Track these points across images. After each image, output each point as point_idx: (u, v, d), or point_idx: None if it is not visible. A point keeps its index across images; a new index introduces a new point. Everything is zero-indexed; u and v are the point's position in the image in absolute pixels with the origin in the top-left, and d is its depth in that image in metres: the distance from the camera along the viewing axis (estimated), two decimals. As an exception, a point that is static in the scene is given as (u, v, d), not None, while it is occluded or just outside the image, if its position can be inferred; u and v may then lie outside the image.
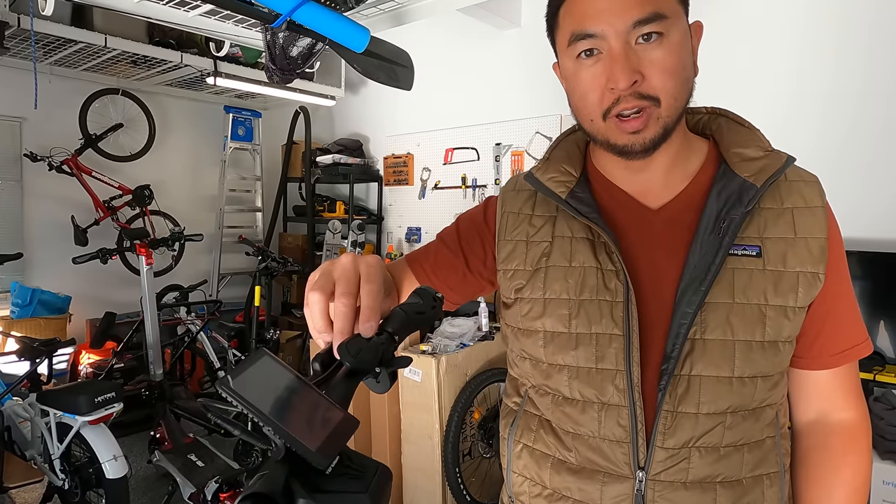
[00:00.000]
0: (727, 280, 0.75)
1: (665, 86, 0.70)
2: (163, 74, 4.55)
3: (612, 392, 0.77)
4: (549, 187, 0.84)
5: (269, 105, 5.67)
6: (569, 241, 0.83)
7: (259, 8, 1.77)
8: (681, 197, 0.80)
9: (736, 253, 0.75)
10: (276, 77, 2.00)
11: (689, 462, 0.76)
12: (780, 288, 0.74)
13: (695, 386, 0.75)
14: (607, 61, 0.71)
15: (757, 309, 0.74)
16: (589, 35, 0.71)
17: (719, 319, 0.74)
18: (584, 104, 0.75)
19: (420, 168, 4.75)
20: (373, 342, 0.58)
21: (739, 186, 0.76)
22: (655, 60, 0.70)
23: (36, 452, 2.67)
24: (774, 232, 0.76)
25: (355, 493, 0.42)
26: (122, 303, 4.61)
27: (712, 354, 0.74)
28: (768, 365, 0.76)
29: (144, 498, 3.00)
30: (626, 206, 0.83)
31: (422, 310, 0.68)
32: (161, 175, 5.18)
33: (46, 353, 2.58)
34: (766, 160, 0.77)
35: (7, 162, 4.43)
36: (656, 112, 0.71)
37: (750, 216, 0.76)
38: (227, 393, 0.41)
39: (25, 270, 4.47)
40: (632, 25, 0.69)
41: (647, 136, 0.72)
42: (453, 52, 4.40)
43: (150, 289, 3.07)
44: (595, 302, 0.79)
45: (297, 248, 5.29)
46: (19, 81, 4.34)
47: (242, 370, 0.44)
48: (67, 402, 2.44)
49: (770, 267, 0.75)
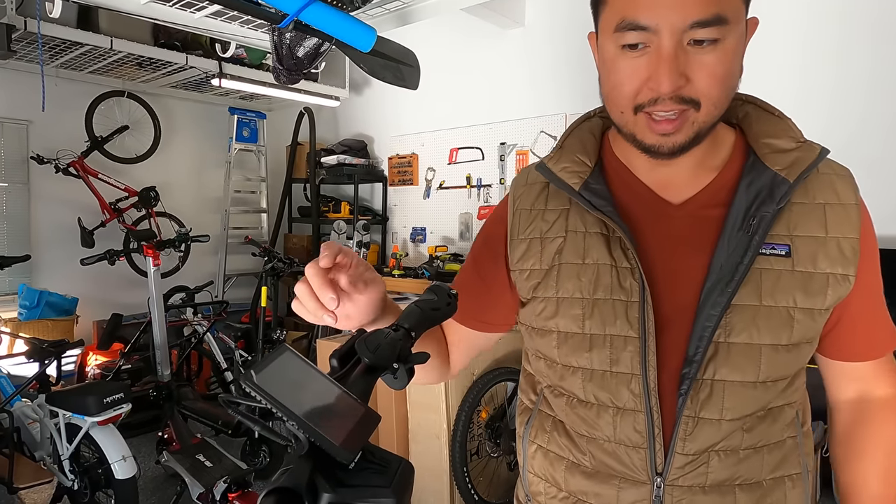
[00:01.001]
0: (755, 281, 0.71)
1: (709, 92, 0.66)
2: (168, 76, 4.56)
3: (627, 397, 0.74)
4: (562, 178, 0.80)
5: (273, 106, 5.69)
6: (582, 237, 0.79)
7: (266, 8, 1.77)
8: (706, 191, 0.76)
9: (765, 252, 0.71)
10: (283, 77, 2.00)
11: (709, 466, 0.74)
12: (809, 290, 0.71)
13: (718, 391, 0.72)
14: (654, 58, 0.65)
15: (785, 312, 0.71)
16: (640, 27, 0.65)
17: (745, 322, 0.71)
18: (616, 94, 0.70)
19: (424, 168, 4.75)
20: (391, 338, 0.59)
21: (770, 181, 0.71)
22: (705, 65, 0.65)
23: (45, 453, 2.68)
24: (805, 230, 0.71)
25: (379, 487, 0.42)
26: (128, 305, 4.63)
27: (737, 358, 0.71)
28: (790, 367, 0.73)
29: (153, 498, 3.01)
30: (644, 199, 0.78)
31: (437, 306, 0.68)
32: (166, 177, 5.19)
33: (55, 354, 2.59)
34: (799, 152, 0.72)
35: (14, 164, 4.45)
36: (693, 116, 0.67)
37: (781, 212, 0.72)
38: (251, 387, 0.42)
39: (33, 272, 4.49)
40: (689, 25, 0.63)
41: (677, 140, 0.68)
42: (457, 52, 4.41)
43: (158, 290, 3.08)
44: (609, 301, 0.75)
45: (302, 248, 5.30)
46: (26, 84, 4.36)
47: (265, 365, 0.44)
48: (76, 402, 2.45)
49: (799, 268, 0.71)
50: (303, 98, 4.73)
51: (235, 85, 4.33)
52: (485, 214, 4.34)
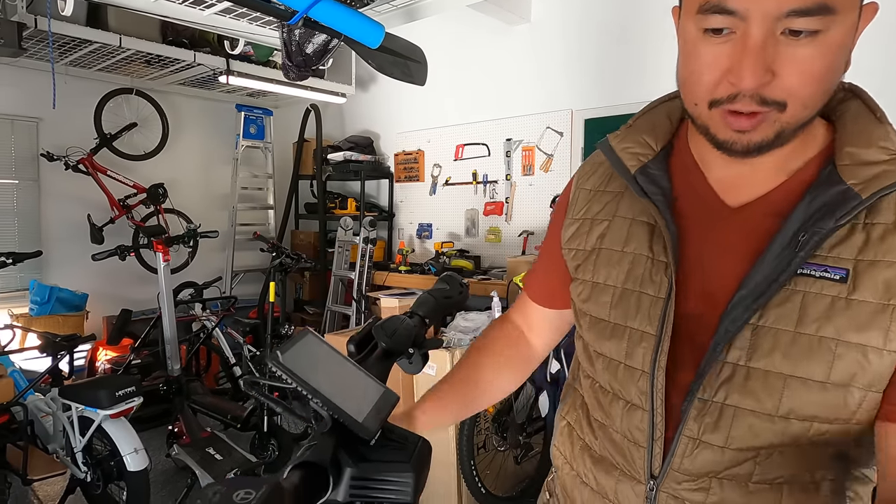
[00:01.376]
0: (794, 304, 0.62)
1: (799, 92, 0.57)
2: (176, 73, 4.59)
3: (634, 393, 0.72)
4: (621, 158, 0.75)
5: (280, 103, 5.71)
6: (627, 224, 0.75)
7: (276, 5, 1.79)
8: (768, 197, 0.67)
9: (813, 274, 0.62)
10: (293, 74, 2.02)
11: (709, 493, 0.69)
12: (863, 322, 0.59)
13: (727, 418, 0.65)
14: (738, 47, 0.57)
15: (827, 344, 0.60)
16: (727, 10, 0.56)
17: (772, 348, 0.63)
18: (692, 82, 0.62)
19: (431, 164, 4.77)
20: (406, 325, 0.61)
21: (838, 195, 0.61)
22: (799, 60, 0.56)
23: (58, 446, 2.72)
24: (876, 254, 0.60)
25: (399, 462, 0.44)
26: (137, 300, 4.67)
27: (754, 386, 0.64)
28: (830, 410, 0.62)
29: (164, 491, 3.05)
30: (702, 196, 0.72)
31: (450, 294, 0.71)
32: (174, 173, 5.23)
33: (68, 348, 2.63)
34: (889, 165, 0.61)
35: (24, 161, 4.49)
36: (774, 116, 0.59)
37: (848, 231, 0.62)
38: (278, 367, 0.44)
39: (43, 268, 4.54)
40: (785, 13, 0.54)
41: (753, 139, 0.60)
42: (463, 48, 4.42)
43: (168, 285, 3.11)
44: (636, 294, 0.72)
45: (308, 244, 5.33)
46: (35, 82, 4.40)
47: (290, 347, 0.46)
48: (89, 396, 2.48)
49: (856, 296, 0.60)
50: (309, 95, 4.75)
51: (242, 82, 4.36)
52: (491, 210, 4.36)
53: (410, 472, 0.44)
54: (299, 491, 0.39)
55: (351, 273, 4.52)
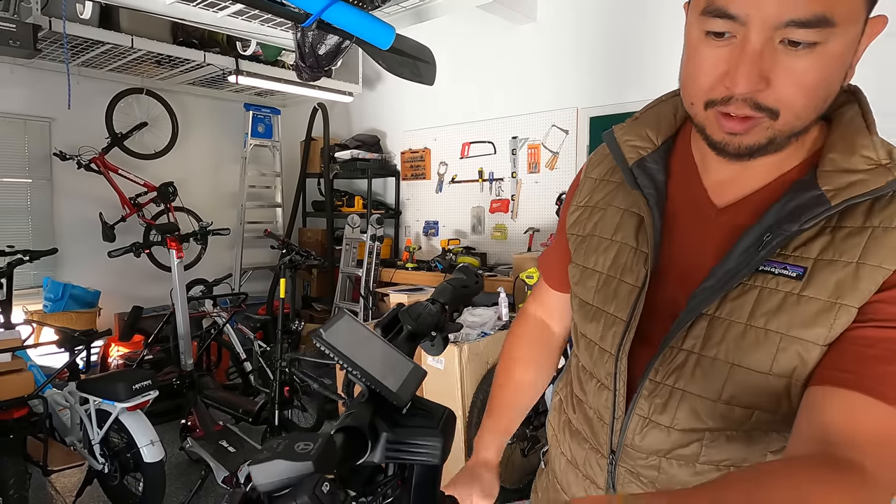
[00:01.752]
0: (750, 299, 0.65)
1: (792, 102, 0.58)
2: (186, 73, 4.66)
3: (603, 373, 0.78)
4: (622, 150, 0.78)
5: (287, 102, 5.77)
6: (620, 214, 0.79)
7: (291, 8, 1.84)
8: (753, 197, 0.69)
9: (772, 271, 0.64)
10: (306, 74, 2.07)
11: (659, 470, 0.73)
12: (810, 319, 0.62)
13: (674, 400, 0.70)
14: (736, 52, 0.58)
15: (773, 337, 0.63)
16: (728, 15, 0.57)
17: (723, 338, 0.66)
18: (691, 83, 0.64)
19: (437, 162, 4.81)
20: (429, 310, 0.66)
21: (811, 200, 0.62)
22: (795, 71, 0.56)
23: (75, 438, 2.78)
24: (835, 254, 0.62)
25: (428, 428, 0.50)
26: (147, 298, 4.73)
27: (702, 372, 0.67)
28: (772, 401, 0.65)
29: (178, 482, 3.11)
30: (694, 196, 0.74)
31: (466, 284, 0.76)
32: (184, 172, 5.30)
33: (86, 343, 2.69)
34: (866, 175, 0.61)
35: (38, 161, 4.57)
36: (767, 123, 0.60)
37: (816, 232, 0.64)
38: (321, 343, 0.49)
39: (57, 266, 4.62)
40: (784, 22, 0.54)
41: (744, 142, 0.62)
42: (469, 47, 4.46)
43: (181, 281, 3.18)
44: (616, 280, 0.77)
45: (316, 242, 5.39)
46: (48, 82, 4.48)
47: (330, 326, 0.51)
48: (106, 389, 2.55)
49: (808, 293, 0.62)
50: (317, 94, 4.80)
51: (251, 81, 4.42)
52: (497, 208, 4.40)
53: (439, 436, 0.49)
54: (344, 450, 0.45)
55: (358, 270, 4.58)
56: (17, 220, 4.52)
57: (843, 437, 0.55)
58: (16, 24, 3.13)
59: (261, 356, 3.86)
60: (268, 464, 0.37)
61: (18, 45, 3.16)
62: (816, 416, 0.58)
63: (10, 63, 4.28)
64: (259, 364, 3.88)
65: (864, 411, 0.56)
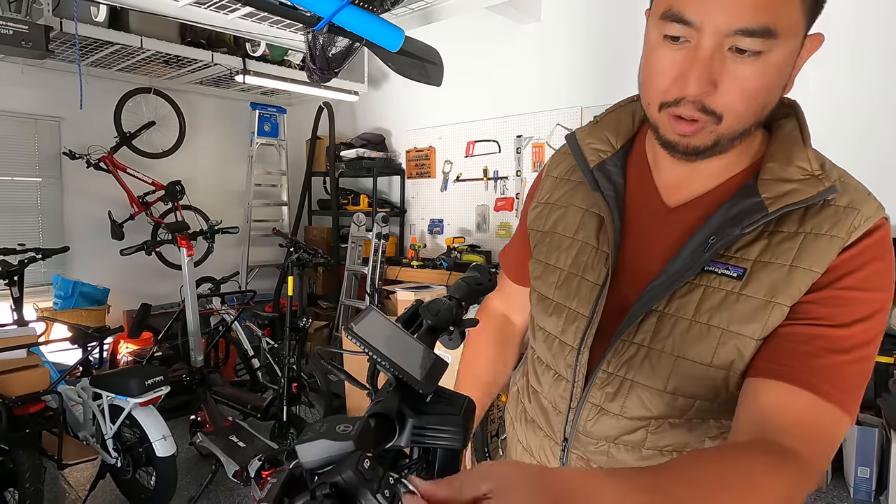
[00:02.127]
0: (696, 297, 0.70)
1: (735, 106, 0.63)
2: (193, 73, 4.70)
3: (563, 365, 0.82)
4: (584, 153, 0.82)
5: (293, 101, 5.81)
6: (581, 213, 0.83)
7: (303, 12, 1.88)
8: (701, 200, 0.75)
9: (716, 271, 0.70)
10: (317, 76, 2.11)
11: (608, 455, 0.79)
12: (747, 316, 0.67)
13: (624, 389, 0.75)
14: (690, 56, 0.63)
15: (715, 332, 0.69)
16: (684, 21, 0.62)
17: (670, 332, 0.71)
18: (648, 84, 0.68)
19: (442, 161, 4.85)
20: (447, 305, 0.70)
21: (752, 206, 0.68)
22: (739, 77, 0.62)
23: (88, 433, 2.83)
24: (771, 257, 0.68)
25: (451, 415, 0.54)
26: (155, 295, 4.79)
27: (650, 364, 0.73)
28: (712, 391, 0.71)
29: (188, 477, 3.16)
30: (647, 195, 0.79)
31: (480, 281, 0.80)
32: (191, 171, 5.35)
33: (99, 339, 2.74)
34: (800, 185, 0.67)
35: (47, 160, 4.62)
36: (711, 127, 0.65)
37: (755, 236, 0.69)
38: (353, 336, 0.53)
39: (66, 263, 4.67)
40: (734, 30, 0.59)
41: (692, 143, 0.67)
42: (474, 47, 4.49)
43: (191, 279, 3.22)
44: (578, 278, 0.81)
45: (322, 240, 5.43)
46: (57, 83, 4.53)
47: (359, 320, 0.55)
48: (119, 385, 2.59)
49: (746, 292, 0.68)
50: (322, 93, 4.84)
51: (258, 81, 4.46)
52: (501, 206, 4.44)
53: (461, 422, 0.53)
54: (375, 433, 0.49)
55: (364, 268, 4.62)
56: (28, 219, 4.58)
57: (779, 425, 0.60)
58: (28, 26, 3.18)
59: (268, 353, 3.90)
60: (313, 443, 0.41)
61: (30, 46, 3.20)
62: (755, 405, 0.64)
63: (21, 63, 4.33)
64: (267, 361, 3.93)
65: (798, 402, 0.62)
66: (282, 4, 1.88)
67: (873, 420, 2.89)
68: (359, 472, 0.38)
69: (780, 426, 0.60)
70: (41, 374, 2.60)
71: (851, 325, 0.64)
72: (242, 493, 2.99)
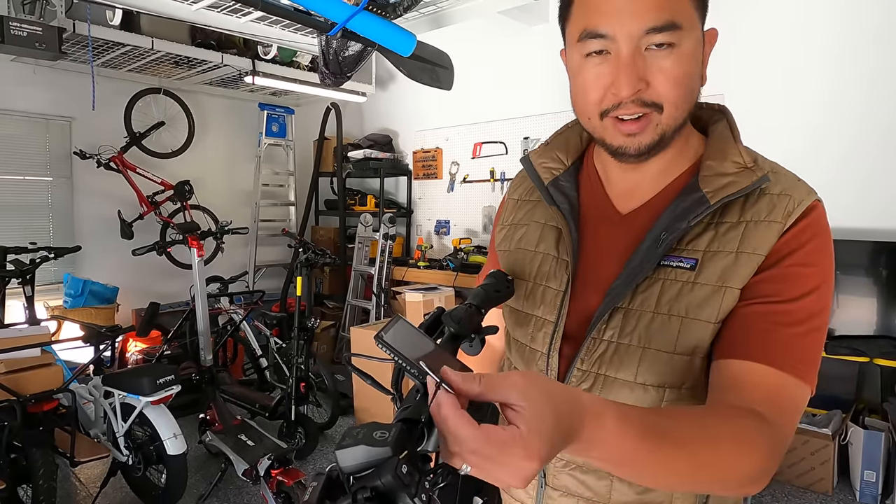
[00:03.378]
0: (655, 291, 0.75)
1: (669, 94, 0.70)
2: (203, 74, 4.73)
3: (534, 371, 0.81)
4: (538, 171, 0.88)
5: (301, 102, 5.84)
6: (540, 228, 0.88)
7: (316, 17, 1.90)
8: (650, 203, 0.80)
9: (671, 264, 0.75)
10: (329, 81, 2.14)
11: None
12: (703, 302, 0.72)
13: (598, 384, 0.78)
14: (614, 64, 0.70)
15: (676, 321, 0.73)
16: (599, 35, 0.69)
17: (635, 327, 0.75)
18: (583, 101, 0.75)
19: (449, 162, 4.87)
20: (468, 313, 0.72)
21: (695, 201, 0.74)
22: (664, 68, 0.69)
23: (100, 431, 2.87)
24: (719, 246, 0.73)
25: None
26: (164, 294, 4.83)
27: (620, 358, 0.76)
28: (678, 377, 0.75)
29: (197, 475, 3.19)
30: (600, 205, 0.84)
31: (498, 288, 0.82)
32: (200, 171, 5.39)
33: (111, 338, 2.77)
34: (736, 177, 0.74)
35: (58, 160, 4.67)
36: (657, 118, 0.71)
37: (703, 228, 0.75)
38: (383, 345, 0.55)
39: (76, 262, 4.71)
40: (644, 31, 0.67)
41: (642, 141, 0.72)
42: (481, 48, 4.50)
43: (201, 279, 3.25)
44: (542, 287, 0.85)
45: (328, 241, 5.46)
46: (68, 83, 4.57)
47: (388, 329, 0.57)
48: (131, 384, 2.63)
49: (700, 280, 0.73)
50: (330, 94, 4.87)
51: (267, 82, 4.49)
52: (508, 208, 4.45)
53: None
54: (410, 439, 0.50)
55: (371, 268, 4.65)
56: (39, 218, 4.63)
57: (749, 399, 0.65)
58: (41, 27, 3.21)
59: (276, 353, 3.93)
60: (352, 449, 0.43)
61: (44, 47, 3.24)
62: (722, 386, 0.69)
63: (34, 64, 4.37)
64: (274, 360, 3.96)
65: (761, 377, 0.67)
66: (296, 10, 1.91)
67: (880, 424, 2.89)
68: (397, 476, 0.40)
69: (751, 399, 0.65)
70: (54, 372, 2.64)
71: (800, 298, 0.69)
72: (251, 492, 3.02)
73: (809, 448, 2.90)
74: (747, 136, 0.81)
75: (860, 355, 2.86)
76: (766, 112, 3.28)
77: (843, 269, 3.00)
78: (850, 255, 2.98)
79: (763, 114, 3.29)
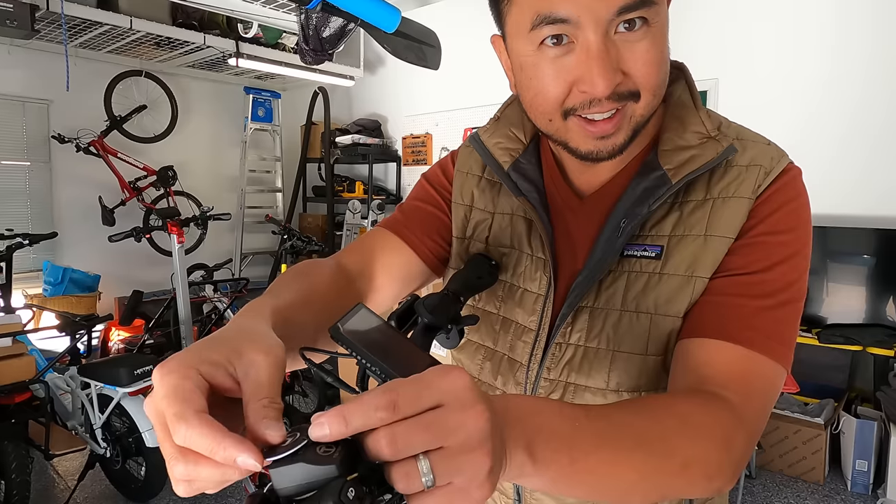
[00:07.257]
0: (621, 286, 0.66)
1: (648, 81, 0.59)
2: (185, 56, 4.60)
3: (512, 383, 0.74)
4: (494, 154, 0.75)
5: (288, 86, 5.71)
6: (509, 220, 0.76)
7: (295, -11, 1.82)
8: (609, 186, 0.70)
9: (634, 254, 0.66)
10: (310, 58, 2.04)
11: None
12: (672, 295, 0.64)
13: (569, 394, 0.70)
14: (581, 57, 0.57)
15: (645, 319, 0.65)
16: (559, 20, 0.56)
17: (602, 327, 0.67)
18: (541, 101, 0.62)
19: (439, 148, 4.78)
20: (444, 301, 0.64)
21: (656, 180, 0.64)
22: (641, 52, 0.57)
23: (77, 423, 2.79)
24: (685, 229, 0.64)
25: None
26: (147, 282, 4.72)
27: (588, 364, 0.68)
28: (653, 380, 0.66)
29: (179, 467, 3.13)
30: (560, 190, 0.73)
31: (480, 274, 0.74)
32: (183, 156, 5.26)
33: (87, 327, 2.68)
34: (698, 150, 0.64)
35: (36, 144, 4.53)
36: (631, 110, 0.60)
37: (667, 210, 0.65)
38: (338, 337, 0.47)
39: (56, 249, 4.59)
40: (616, 12, 0.55)
41: (616, 142, 0.61)
42: (472, 31, 4.39)
43: (182, 266, 3.16)
44: (520, 290, 0.74)
45: (316, 227, 5.37)
46: (45, 64, 4.42)
47: (347, 319, 0.50)
48: (108, 374, 2.54)
49: (667, 270, 0.64)
50: (317, 77, 4.75)
51: (252, 64, 4.37)
52: (499, 194, 4.39)
53: None
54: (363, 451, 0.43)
55: (359, 256, 4.56)
56: (16, 204, 4.49)
57: (712, 380, 0.57)
58: (13, 4, 3.09)
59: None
60: (289, 467, 0.36)
61: (15, 24, 3.12)
62: (684, 368, 0.60)
63: (8, 44, 4.22)
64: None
65: (726, 355, 0.58)
66: (273, -18, 1.81)
67: (872, 413, 2.87)
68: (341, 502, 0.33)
69: (713, 381, 0.57)
70: (27, 362, 2.55)
71: (771, 268, 0.61)
72: (234, 484, 2.96)
73: (801, 437, 2.88)
74: (742, 121, 0.70)
75: (853, 344, 2.83)
76: (761, 98, 3.22)
77: (835, 256, 2.96)
78: (843, 242, 2.93)
79: (758, 100, 3.22)
